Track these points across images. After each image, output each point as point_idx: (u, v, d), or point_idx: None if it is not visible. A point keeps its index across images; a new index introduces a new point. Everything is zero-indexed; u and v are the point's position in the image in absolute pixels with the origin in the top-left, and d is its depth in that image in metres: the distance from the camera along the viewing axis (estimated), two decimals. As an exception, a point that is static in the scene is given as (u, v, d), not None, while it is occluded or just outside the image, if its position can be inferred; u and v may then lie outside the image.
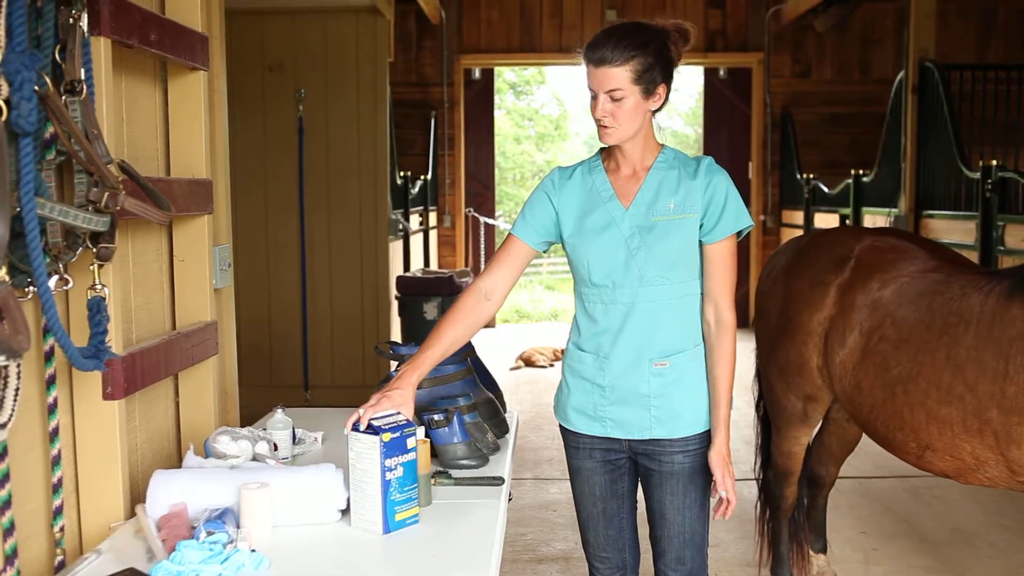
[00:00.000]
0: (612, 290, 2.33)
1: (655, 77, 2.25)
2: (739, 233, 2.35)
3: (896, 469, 5.17)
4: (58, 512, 2.02)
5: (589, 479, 2.48)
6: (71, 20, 1.86)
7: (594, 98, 2.27)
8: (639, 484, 2.51)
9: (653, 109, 2.30)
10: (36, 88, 1.65)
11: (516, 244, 2.43)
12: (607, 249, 2.32)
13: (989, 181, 5.68)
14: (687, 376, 2.35)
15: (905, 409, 2.93)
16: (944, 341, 2.86)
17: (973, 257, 5.56)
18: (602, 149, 2.43)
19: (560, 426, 2.52)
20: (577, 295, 2.44)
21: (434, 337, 2.33)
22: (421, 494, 2.13)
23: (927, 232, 6.80)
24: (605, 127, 2.28)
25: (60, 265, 1.87)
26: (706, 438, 2.39)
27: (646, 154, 2.36)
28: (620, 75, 2.22)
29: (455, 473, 2.39)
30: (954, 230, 6.32)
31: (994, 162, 5.77)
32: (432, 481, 2.29)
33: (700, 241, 2.33)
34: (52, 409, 1.98)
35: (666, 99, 2.31)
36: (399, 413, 2.11)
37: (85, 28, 1.90)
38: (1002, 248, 5.55)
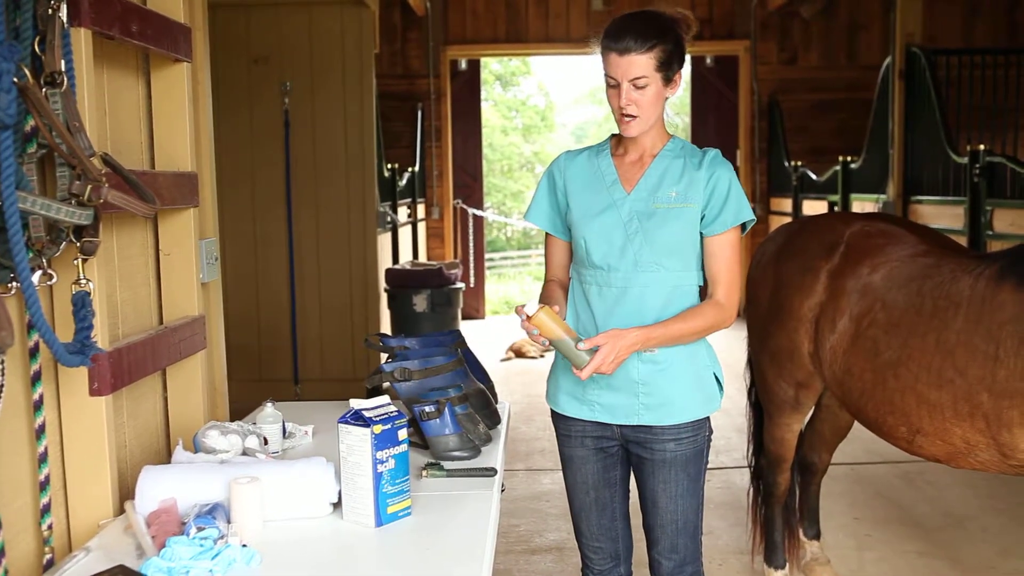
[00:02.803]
0: (607, 273, 2.34)
1: (674, 65, 2.29)
2: (743, 227, 2.35)
3: (888, 455, 5.19)
4: (46, 510, 1.99)
5: (581, 467, 2.48)
6: (50, 11, 1.83)
7: (614, 87, 2.27)
8: (631, 473, 2.51)
9: (669, 96, 2.33)
10: (15, 80, 1.62)
11: (552, 241, 2.53)
12: (605, 231, 2.34)
13: (977, 166, 5.69)
14: (676, 365, 2.35)
15: (896, 394, 2.93)
16: (934, 325, 2.85)
17: (962, 242, 5.56)
18: (612, 135, 2.44)
19: (552, 413, 2.53)
20: (575, 276, 2.45)
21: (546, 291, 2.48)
22: (572, 358, 2.20)
23: (915, 217, 6.80)
24: (628, 117, 2.28)
25: (43, 260, 1.85)
26: (698, 427, 2.39)
27: (656, 142, 2.38)
28: (645, 62, 2.23)
29: (447, 465, 2.38)
30: (942, 215, 6.33)
31: (982, 147, 5.78)
32: (424, 473, 2.28)
33: (701, 233, 2.34)
34: (38, 406, 1.96)
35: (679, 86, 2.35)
36: (389, 404, 2.10)
37: (65, 19, 1.87)
38: (991, 232, 5.56)
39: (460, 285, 7.67)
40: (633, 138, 2.36)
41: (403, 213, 8.88)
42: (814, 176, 8.90)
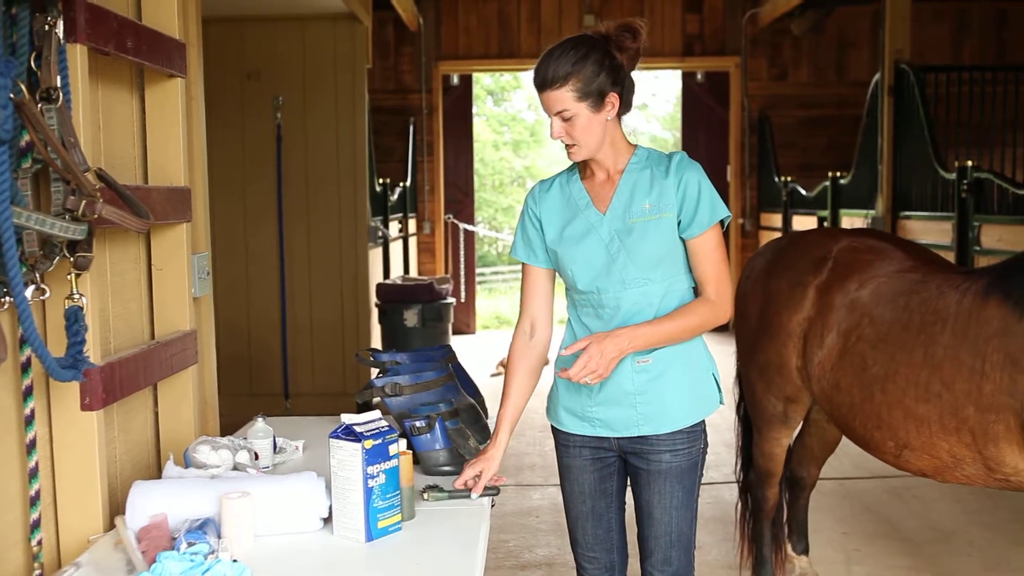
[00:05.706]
0: (598, 295, 2.35)
1: (601, 88, 2.25)
2: (721, 223, 2.35)
3: (876, 470, 5.20)
4: (36, 525, 1.99)
5: (579, 477, 2.49)
6: (46, 27, 1.84)
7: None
8: (628, 485, 2.52)
9: (610, 118, 2.30)
10: (11, 95, 1.64)
11: (529, 270, 2.49)
12: (588, 256, 2.34)
13: (965, 182, 5.73)
14: (670, 371, 2.36)
15: (883, 408, 2.95)
16: (921, 340, 2.88)
17: (949, 257, 5.60)
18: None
19: (551, 426, 2.53)
20: (568, 299, 2.46)
21: (504, 395, 2.46)
22: (405, 508, 2.12)
23: (904, 233, 6.84)
24: (568, 146, 2.31)
25: (37, 275, 1.85)
26: (693, 438, 2.40)
27: (619, 158, 2.37)
28: (563, 96, 2.24)
29: (438, 480, 2.38)
30: (931, 231, 6.37)
31: (969, 163, 5.82)
32: (425, 496, 2.27)
33: (681, 238, 2.34)
34: (29, 421, 1.96)
35: (623, 104, 2.32)
36: (381, 419, 2.11)
37: (61, 35, 1.89)
38: (978, 248, 5.60)
39: (451, 300, 7.68)
40: (595, 160, 2.36)
41: (394, 228, 8.89)
42: (804, 191, 8.94)
